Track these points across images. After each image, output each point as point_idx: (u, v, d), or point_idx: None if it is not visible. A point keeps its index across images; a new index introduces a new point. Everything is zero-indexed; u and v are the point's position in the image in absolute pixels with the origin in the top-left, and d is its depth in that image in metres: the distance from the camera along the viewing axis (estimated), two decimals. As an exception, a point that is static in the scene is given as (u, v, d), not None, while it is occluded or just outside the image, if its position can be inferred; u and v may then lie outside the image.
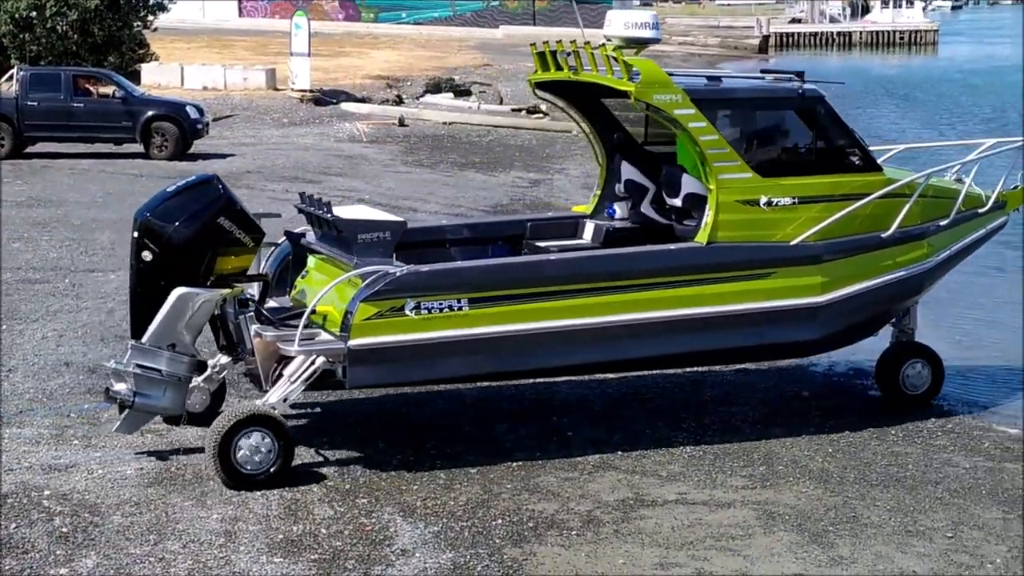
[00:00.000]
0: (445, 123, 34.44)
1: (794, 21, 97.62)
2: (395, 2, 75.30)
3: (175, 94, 35.03)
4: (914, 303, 12.47)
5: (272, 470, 9.63)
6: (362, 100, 37.90)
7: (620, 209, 12.58)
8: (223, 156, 26.74)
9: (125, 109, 27.65)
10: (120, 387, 9.93)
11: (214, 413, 10.66)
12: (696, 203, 11.65)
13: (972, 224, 12.55)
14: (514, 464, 10.41)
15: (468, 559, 8.59)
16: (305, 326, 9.91)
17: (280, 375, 10.08)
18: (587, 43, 11.37)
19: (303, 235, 11.33)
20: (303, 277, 11.19)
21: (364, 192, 23.21)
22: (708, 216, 11.16)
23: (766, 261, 11.21)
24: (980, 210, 12.58)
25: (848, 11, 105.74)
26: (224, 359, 10.91)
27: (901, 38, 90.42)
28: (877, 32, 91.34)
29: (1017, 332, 13.82)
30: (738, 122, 12.01)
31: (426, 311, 10.01)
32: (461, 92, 40.97)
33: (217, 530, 8.91)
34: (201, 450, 10.08)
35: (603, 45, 11.43)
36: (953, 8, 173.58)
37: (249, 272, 10.49)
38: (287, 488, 9.68)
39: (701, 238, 11.15)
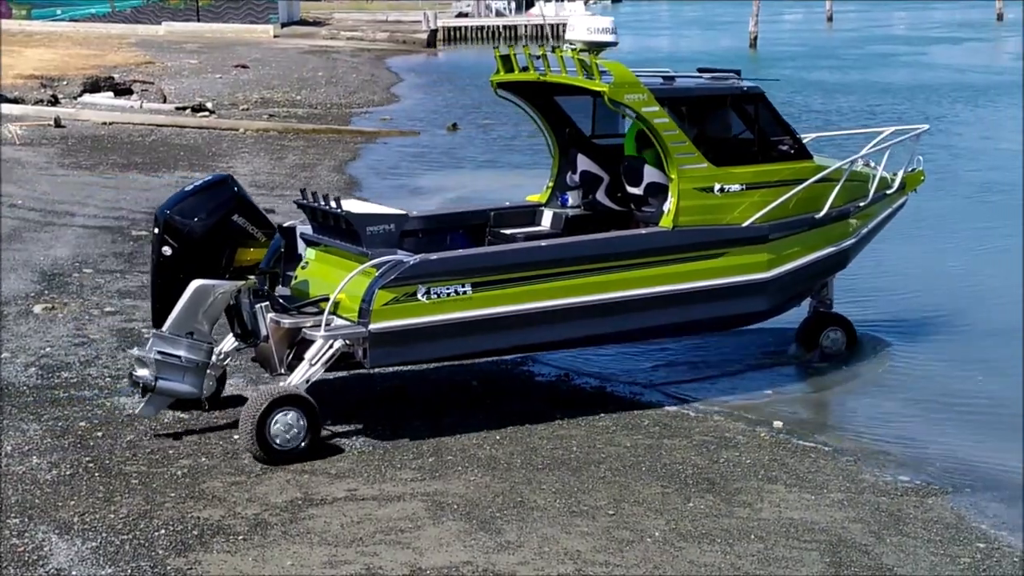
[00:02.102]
0: (105, 123, 33.21)
1: (461, 15, 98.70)
2: (50, -2, 72.28)
3: None
4: (833, 277, 13.96)
5: (302, 445, 10.35)
6: (14, 101, 36.08)
7: (572, 198, 13.64)
8: None
9: None
10: (143, 372, 10.68)
11: (218, 397, 11.55)
12: (656, 191, 12.84)
13: (883, 203, 14.15)
14: (178, 471, 10.11)
15: (129, 573, 8.28)
16: (326, 312, 10.78)
17: (294, 359, 10.91)
18: (555, 48, 12.70)
19: (294, 229, 11.99)
20: (303, 268, 11.82)
21: (18, 197, 22.14)
22: (671, 202, 12.30)
23: (723, 242, 12.45)
24: (888, 191, 14.14)
25: (513, 5, 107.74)
26: (229, 346, 11.61)
27: (565, 31, 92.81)
28: (541, 25, 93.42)
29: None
30: (693, 117, 12.85)
31: (435, 296, 11.00)
32: (122, 91, 39.61)
33: None
34: None
35: (573, 49, 12.58)
36: (614, 1, 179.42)
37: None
38: (-70, 513, 9.11)
39: (666, 222, 12.28)
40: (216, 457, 10.47)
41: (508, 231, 13.17)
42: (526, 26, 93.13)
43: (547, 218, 13.50)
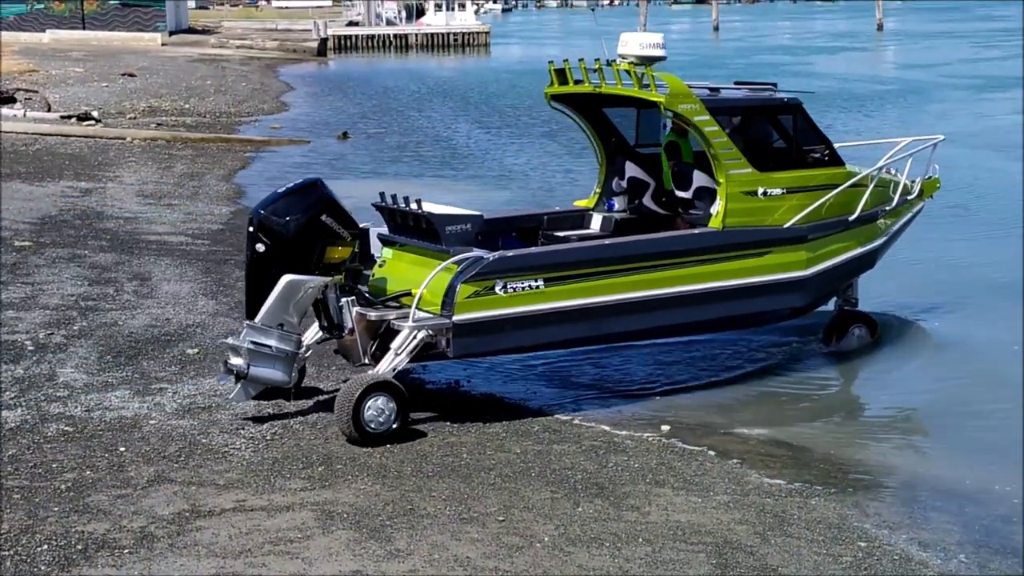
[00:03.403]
0: (-13, 132, 32.58)
1: (351, 24, 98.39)
2: (-72, 6, 70.66)
3: None
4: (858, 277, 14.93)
5: (393, 428, 11.13)
6: None
7: (619, 203, 14.54)
8: None
9: None
10: (236, 361, 11.44)
11: (300, 386, 12.12)
12: (704, 195, 13.75)
13: (906, 207, 15.22)
14: (62, 485, 9.95)
15: (11, 590, 8.13)
16: (414, 304, 11.58)
17: (375, 351, 11.79)
18: (612, 61, 13.51)
19: (367, 230, 12.50)
20: (380, 266, 12.64)
21: None
22: (720, 205, 13.24)
23: (767, 242, 13.41)
24: (909, 197, 15.18)
25: (403, 14, 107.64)
26: (309, 339, 12.23)
27: (455, 40, 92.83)
28: (432, 34, 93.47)
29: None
30: (738, 125, 13.80)
31: (512, 290, 11.86)
32: (4, 99, 38.83)
33: None
34: None
35: (629, 63, 13.39)
36: (504, 11, 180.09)
37: None
38: None
39: (715, 223, 13.24)
40: (101, 470, 10.32)
41: (560, 233, 14.00)
42: (416, 35, 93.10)
43: (596, 221, 14.46)
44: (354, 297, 11.97)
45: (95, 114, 36.84)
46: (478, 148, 35.09)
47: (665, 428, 12.19)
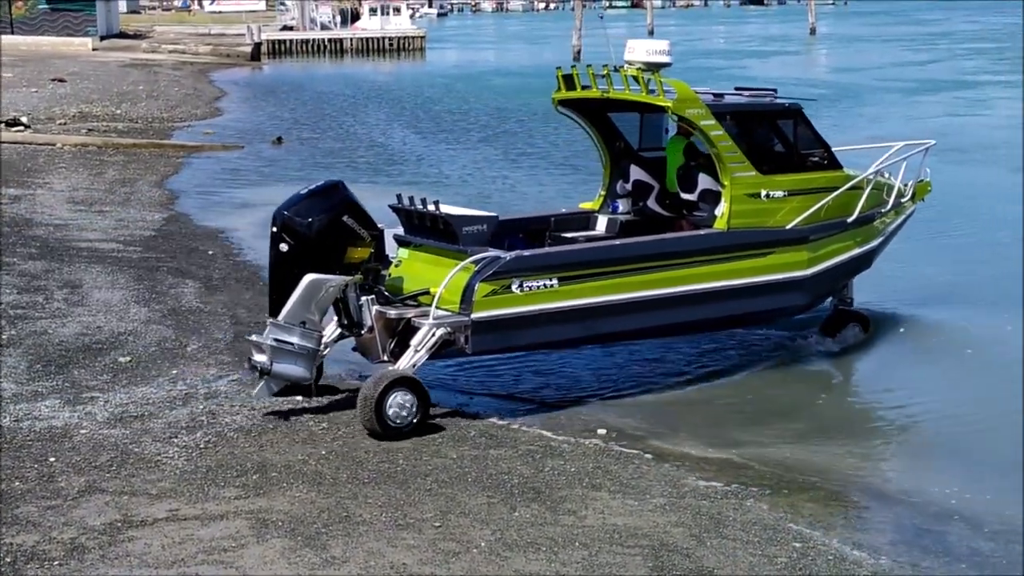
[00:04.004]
0: (-86, 138, 32.08)
1: (286, 28, 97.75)
2: None
3: None
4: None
5: (414, 422, 11.47)
6: None
7: (623, 205, 14.93)
8: None
9: None
10: (260, 358, 11.74)
11: (319, 383, 12.46)
12: (708, 197, 14.14)
13: (900, 209, 15.78)
14: (-10, 497, 9.80)
15: (-62, 604, 7.99)
16: (434, 302, 11.92)
17: (394, 348, 12.15)
18: (620, 67, 13.94)
19: (382, 232, 12.53)
20: (396, 266, 12.92)
21: None
22: (724, 207, 13.67)
23: (770, 242, 13.84)
24: (903, 199, 15.76)
25: (338, 18, 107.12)
26: (327, 337, 12.43)
27: (391, 44, 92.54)
28: (367, 39, 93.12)
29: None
30: (742, 129, 14.16)
31: (528, 288, 12.23)
32: (-68, 105, 38.36)
33: None
34: None
35: (638, 69, 13.87)
36: (439, 15, 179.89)
37: None
38: None
39: (720, 224, 13.65)
40: (30, 481, 10.16)
41: (567, 235, 14.37)
42: (351, 39, 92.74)
43: (602, 223, 14.85)
44: (373, 296, 12.26)
45: (24, 120, 36.33)
46: (413, 153, 35.00)
47: (602, 432, 12.20)
